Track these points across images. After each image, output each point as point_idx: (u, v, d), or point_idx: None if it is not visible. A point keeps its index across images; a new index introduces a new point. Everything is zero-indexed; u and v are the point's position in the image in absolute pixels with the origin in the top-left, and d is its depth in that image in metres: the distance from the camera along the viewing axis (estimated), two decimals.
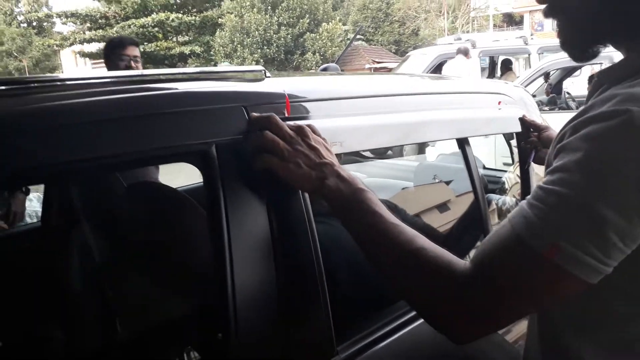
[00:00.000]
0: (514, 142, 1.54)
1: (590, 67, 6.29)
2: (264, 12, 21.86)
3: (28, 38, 31.64)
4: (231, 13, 22.72)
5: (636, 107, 0.54)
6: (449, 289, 0.63)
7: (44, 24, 34.13)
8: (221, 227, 0.76)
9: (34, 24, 33.85)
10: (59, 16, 27.60)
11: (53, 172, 0.70)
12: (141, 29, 24.41)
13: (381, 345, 0.98)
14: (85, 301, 1.20)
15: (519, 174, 1.49)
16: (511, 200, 1.72)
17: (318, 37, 21.94)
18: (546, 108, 6.00)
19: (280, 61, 22.35)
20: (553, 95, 6.40)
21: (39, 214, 1.91)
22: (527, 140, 1.33)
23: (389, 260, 0.69)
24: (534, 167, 1.43)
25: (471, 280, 0.61)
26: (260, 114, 0.80)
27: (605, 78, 0.66)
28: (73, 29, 27.93)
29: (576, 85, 7.24)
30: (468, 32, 23.66)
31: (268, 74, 1.00)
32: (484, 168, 2.17)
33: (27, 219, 2.11)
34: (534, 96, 6.39)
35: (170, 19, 24.55)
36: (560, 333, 0.71)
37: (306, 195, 0.87)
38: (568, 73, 6.76)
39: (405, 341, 1.02)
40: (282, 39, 21.79)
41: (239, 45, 22.06)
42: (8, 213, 1.97)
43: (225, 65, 20.49)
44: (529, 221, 0.58)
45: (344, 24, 25.74)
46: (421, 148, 3.81)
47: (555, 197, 0.56)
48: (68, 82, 0.88)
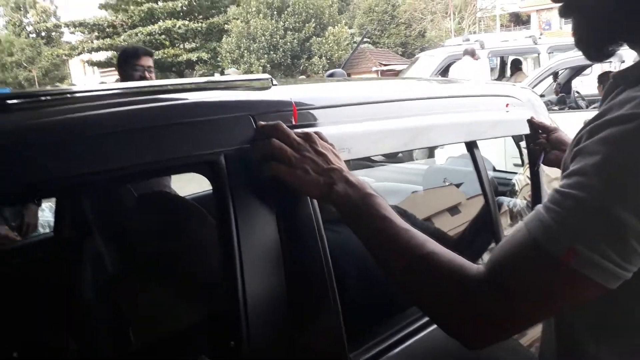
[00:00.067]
0: (524, 144, 1.53)
1: (599, 66, 6.24)
2: (270, 17, 21.94)
3: (37, 48, 32.01)
4: (237, 19, 22.84)
5: None
6: (462, 294, 0.62)
7: (53, 34, 34.47)
8: (231, 236, 0.77)
9: (43, 34, 34.20)
10: (67, 26, 27.89)
11: (64, 186, 0.71)
12: (148, 37, 24.60)
13: (394, 352, 0.98)
14: (98, 311, 1.21)
15: (529, 176, 1.48)
16: (522, 202, 1.71)
17: (324, 41, 21.98)
18: (555, 108, 5.96)
19: (287, 66, 22.41)
20: (562, 94, 6.36)
21: (51, 224, 1.93)
22: (536, 142, 1.32)
23: (400, 265, 0.68)
24: (544, 168, 1.42)
25: (485, 284, 0.60)
26: (267, 123, 0.81)
27: (621, 80, 0.65)
28: (81, 39, 28.21)
29: (585, 83, 7.18)
30: (475, 33, 23.59)
31: (275, 82, 1.00)
32: (494, 170, 2.16)
33: (40, 229, 2.13)
34: (543, 96, 6.36)
35: (177, 27, 24.73)
36: (578, 337, 0.70)
37: (315, 201, 0.87)
38: (577, 72, 6.71)
39: (418, 348, 1.01)
40: (289, 44, 21.86)
41: (246, 50, 22.15)
42: (22, 225, 1.99)
43: (232, 70, 20.60)
44: (546, 225, 0.57)
45: (350, 27, 25.78)
46: (431, 151, 3.80)
47: (572, 201, 0.56)
48: (77, 95, 0.89)
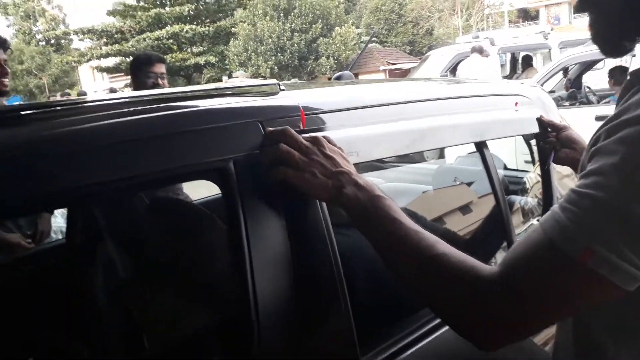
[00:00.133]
0: (534, 142, 1.52)
1: (612, 60, 6.17)
2: (277, 19, 21.99)
3: (47, 56, 32.38)
4: (244, 22, 22.92)
5: None
6: (474, 295, 0.61)
7: (62, 42, 34.84)
8: (241, 241, 0.77)
9: (52, 42, 34.59)
10: (76, 33, 28.19)
11: (77, 196, 0.71)
12: (156, 42, 24.78)
13: (406, 354, 0.98)
14: (110, 317, 1.22)
15: (540, 173, 1.48)
16: (533, 200, 1.70)
17: (331, 42, 21.99)
18: (566, 103, 5.89)
19: (294, 67, 22.45)
20: (573, 90, 6.29)
21: (64, 230, 1.95)
22: (546, 140, 1.31)
23: (410, 267, 0.68)
24: (555, 166, 1.41)
25: (498, 285, 0.60)
26: (275, 128, 0.81)
27: (637, 79, 0.64)
28: (90, 45, 28.49)
29: (596, 78, 7.10)
30: (483, 30, 23.47)
31: (282, 87, 1.00)
32: (505, 169, 2.15)
33: (53, 235, 2.15)
34: (553, 92, 6.30)
35: (184, 31, 24.88)
36: (596, 338, 0.69)
37: (324, 205, 0.87)
38: (587, 67, 6.63)
39: (430, 350, 1.01)
40: (296, 45, 21.90)
41: (253, 53, 22.22)
42: (35, 232, 2.01)
43: (240, 73, 20.68)
44: (562, 225, 0.56)
45: (357, 27, 25.77)
46: (442, 151, 3.79)
47: (589, 201, 0.55)
48: (88, 105, 0.90)
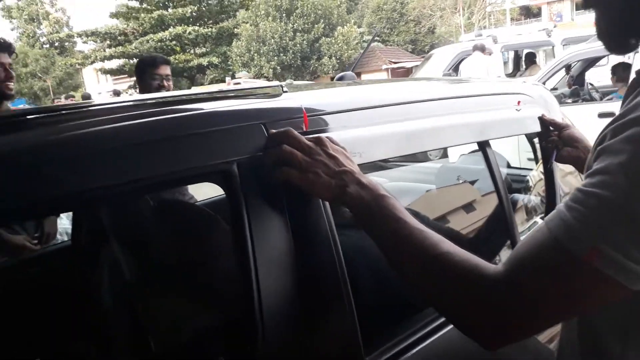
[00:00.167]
0: (537, 140, 1.52)
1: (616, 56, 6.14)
2: (279, 20, 22.01)
3: (51, 58, 32.49)
4: (246, 22, 22.94)
5: None
6: (479, 294, 0.61)
7: (66, 44, 35.00)
8: (245, 243, 0.77)
9: (56, 45, 34.74)
10: (80, 35, 28.31)
11: (82, 199, 0.72)
12: (159, 44, 24.85)
13: (410, 353, 0.98)
14: (116, 318, 1.22)
15: (542, 171, 1.48)
16: (536, 198, 1.70)
17: (333, 41, 21.99)
18: (569, 100, 5.88)
19: (297, 67, 22.46)
20: (575, 87, 6.27)
21: (69, 231, 1.96)
22: (548, 139, 1.31)
23: (414, 266, 0.68)
24: (557, 164, 1.41)
25: (502, 284, 0.60)
26: (277, 130, 0.82)
27: None
28: (94, 47, 28.60)
29: (599, 75, 7.08)
30: (485, 28, 23.42)
31: (285, 89, 1.01)
32: (508, 167, 2.15)
33: (58, 237, 2.17)
34: (556, 89, 6.29)
35: (187, 32, 24.93)
36: (602, 337, 0.69)
37: (327, 205, 0.87)
38: (590, 64, 6.62)
39: (434, 349, 1.01)
40: (298, 45, 21.90)
41: (256, 53, 22.24)
42: (42, 234, 2.02)
43: (243, 73, 20.69)
44: (567, 224, 0.56)
45: (359, 27, 25.75)
46: (445, 150, 3.79)
47: (595, 200, 0.54)
48: (92, 109, 0.91)
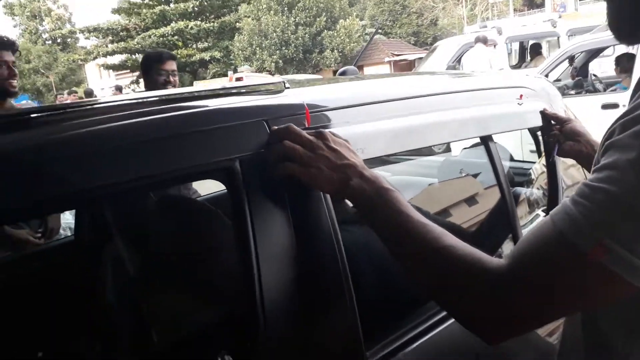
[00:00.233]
0: (540, 133, 1.52)
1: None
2: (281, 14, 21.95)
3: (53, 54, 32.53)
4: (248, 17, 22.89)
5: None
6: (481, 287, 0.61)
7: (68, 40, 35.02)
8: (247, 240, 0.78)
9: (59, 41, 34.76)
10: (82, 31, 28.35)
11: (86, 197, 0.73)
12: (161, 39, 24.83)
13: (411, 347, 0.99)
14: (119, 313, 1.23)
15: (545, 164, 1.48)
16: (538, 191, 1.70)
17: (336, 34, 21.92)
18: (572, 92, 5.85)
19: (299, 61, 22.41)
20: (579, 78, 6.23)
21: (72, 226, 1.97)
22: (550, 134, 1.31)
23: (417, 259, 0.68)
24: (559, 157, 1.41)
25: (507, 277, 0.59)
26: (279, 127, 0.82)
27: None
28: (96, 43, 28.61)
29: (603, 65, 7.04)
30: (488, 19, 23.28)
31: (287, 85, 1.01)
32: (511, 160, 2.15)
33: (62, 232, 2.18)
34: (559, 80, 6.25)
35: (189, 27, 24.90)
36: (605, 333, 0.69)
37: (329, 202, 0.88)
38: (593, 55, 6.58)
39: (435, 343, 1.01)
40: (300, 39, 21.85)
41: (258, 47, 22.21)
42: (45, 230, 2.04)
43: (245, 68, 20.66)
44: (573, 218, 0.55)
45: (361, 19, 25.65)
46: (448, 144, 3.78)
47: (603, 195, 0.54)
48: (96, 107, 0.91)
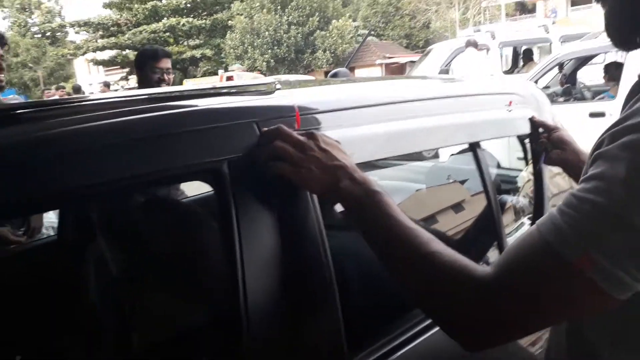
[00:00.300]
0: (528, 140, 1.53)
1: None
2: (274, 12, 21.92)
3: (42, 48, 32.15)
4: (241, 15, 22.83)
5: None
6: (467, 294, 0.61)
7: (58, 34, 34.63)
8: (233, 242, 0.77)
9: (48, 35, 34.36)
10: (72, 26, 28.11)
11: (70, 197, 0.72)
12: (152, 35, 24.71)
13: (396, 355, 0.98)
14: (100, 314, 1.22)
15: (532, 172, 1.49)
16: (524, 199, 1.71)
17: (328, 35, 21.94)
18: (561, 99, 5.91)
19: (291, 60, 22.39)
20: (568, 85, 6.30)
21: (55, 226, 1.94)
22: (537, 141, 1.32)
23: (403, 263, 0.68)
24: (546, 166, 1.41)
25: (492, 286, 0.59)
26: (269, 128, 0.82)
27: None
28: (86, 38, 28.36)
29: (591, 73, 7.11)
30: (480, 23, 23.43)
31: (278, 86, 1.01)
32: (498, 167, 2.16)
33: (44, 231, 2.14)
34: (548, 87, 6.31)
35: (181, 24, 24.80)
36: (590, 343, 0.69)
37: (317, 206, 0.88)
38: (582, 63, 6.65)
39: (420, 351, 1.01)
40: (292, 38, 21.84)
41: (250, 46, 22.16)
42: (27, 229, 2.00)
43: (236, 66, 20.60)
44: (559, 228, 0.55)
45: (354, 20, 25.68)
46: (436, 150, 3.79)
47: (590, 205, 0.54)
48: (81, 104, 0.90)
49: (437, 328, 0.67)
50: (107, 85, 11.93)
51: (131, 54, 24.81)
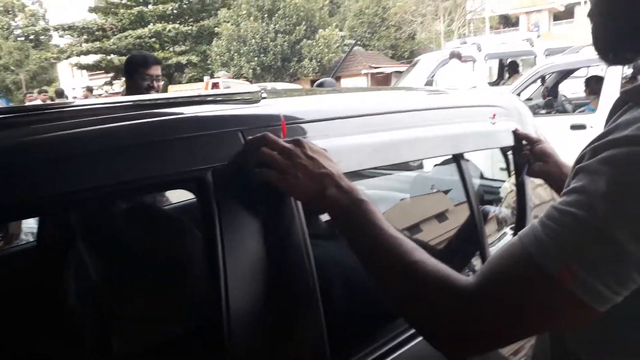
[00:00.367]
0: (510, 152, 1.55)
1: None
2: (261, 20, 21.93)
3: (25, 51, 31.72)
4: (228, 22, 22.80)
5: None
6: (450, 304, 0.61)
7: (41, 38, 34.25)
8: (216, 252, 0.77)
9: (31, 38, 33.96)
10: (56, 29, 27.81)
11: (51, 204, 0.71)
12: (138, 40, 24.56)
13: None
14: (79, 321, 1.20)
15: (514, 182, 1.50)
16: (507, 210, 1.73)
17: (315, 44, 22.00)
18: (543, 111, 6.00)
19: (277, 68, 22.40)
20: (550, 98, 6.40)
21: (34, 232, 1.91)
22: (520, 154, 1.33)
23: (387, 272, 0.68)
24: (527, 177, 1.43)
25: (474, 295, 0.60)
26: (254, 136, 0.81)
27: (630, 96, 0.64)
28: (70, 42, 28.08)
29: (573, 86, 7.24)
30: (465, 35, 23.73)
31: (264, 95, 1.01)
32: (482, 177, 2.18)
33: (23, 237, 2.11)
34: (531, 99, 6.40)
35: (167, 30, 24.70)
36: (573, 351, 0.70)
37: (302, 215, 0.87)
38: (564, 76, 6.77)
39: None
40: (279, 47, 21.86)
41: (236, 53, 22.12)
42: (5, 236, 1.96)
43: (222, 73, 20.55)
44: (540, 240, 0.56)
45: (341, 30, 25.81)
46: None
47: (570, 218, 0.55)
48: (64, 111, 0.89)
49: (421, 337, 0.67)
50: (90, 89, 11.83)
51: (116, 59, 24.63)
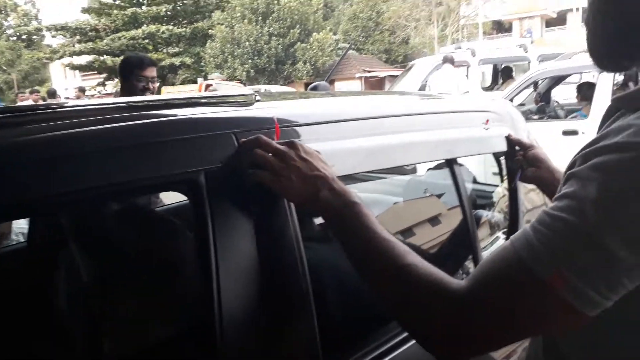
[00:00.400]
0: (503, 157, 1.55)
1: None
2: (255, 23, 21.93)
3: (17, 51, 31.55)
4: (222, 24, 22.77)
5: None
6: (442, 307, 0.61)
7: (34, 37, 34.08)
8: (208, 254, 0.76)
9: (23, 38, 33.78)
10: (49, 29, 27.63)
11: (42, 205, 0.70)
12: (131, 41, 24.46)
13: None
14: (70, 323, 1.19)
15: (507, 187, 1.51)
16: (499, 214, 1.74)
17: (309, 47, 22.03)
18: (535, 117, 6.03)
19: (271, 71, 22.40)
20: (542, 103, 6.44)
21: (25, 232, 1.89)
22: (513, 159, 1.34)
23: (380, 275, 0.69)
24: (520, 183, 1.44)
25: (466, 299, 0.60)
26: (248, 138, 0.81)
27: (622, 103, 0.64)
28: (63, 42, 27.93)
29: (566, 92, 7.30)
30: (458, 40, 23.86)
31: (258, 97, 1.01)
32: (474, 182, 2.19)
33: (13, 237, 2.09)
34: (523, 105, 6.44)
35: (160, 31, 24.62)
36: (565, 355, 0.70)
37: (295, 218, 0.87)
38: (557, 82, 6.82)
39: None
40: (273, 49, 21.86)
41: (230, 56, 22.11)
42: None
43: (215, 75, 20.54)
44: (531, 244, 0.56)
45: (335, 34, 25.88)
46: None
47: (561, 224, 0.55)
48: (58, 111, 0.88)
49: (413, 340, 0.67)
50: (82, 90, 11.76)
51: (109, 60, 24.52)
